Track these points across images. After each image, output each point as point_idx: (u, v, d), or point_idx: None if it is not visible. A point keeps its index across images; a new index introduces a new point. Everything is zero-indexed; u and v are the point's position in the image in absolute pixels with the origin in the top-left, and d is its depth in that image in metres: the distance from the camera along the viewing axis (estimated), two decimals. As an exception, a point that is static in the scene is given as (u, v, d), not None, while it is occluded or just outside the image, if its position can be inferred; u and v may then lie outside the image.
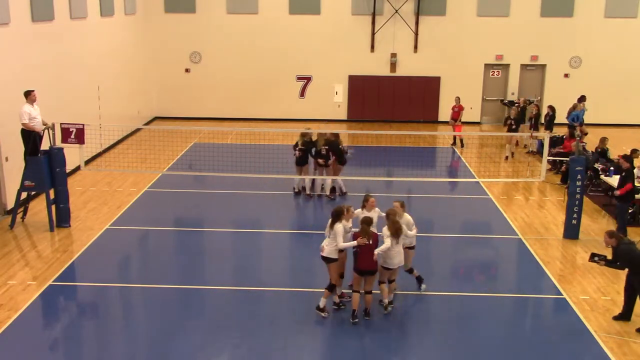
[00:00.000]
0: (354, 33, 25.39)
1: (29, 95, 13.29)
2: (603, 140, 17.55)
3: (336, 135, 15.92)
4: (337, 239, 9.52)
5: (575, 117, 21.00)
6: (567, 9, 25.07)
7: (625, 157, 13.81)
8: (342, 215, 9.66)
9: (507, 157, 19.94)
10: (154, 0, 25.09)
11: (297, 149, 15.77)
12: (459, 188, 17.59)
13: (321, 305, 9.75)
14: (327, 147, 15.41)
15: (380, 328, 9.59)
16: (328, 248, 9.65)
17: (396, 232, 9.54)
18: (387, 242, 9.48)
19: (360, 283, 9.57)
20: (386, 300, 9.89)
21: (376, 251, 9.38)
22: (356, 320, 9.55)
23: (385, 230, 9.63)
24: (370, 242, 9.34)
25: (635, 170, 14.82)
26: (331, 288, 9.80)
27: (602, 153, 17.15)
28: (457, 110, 21.87)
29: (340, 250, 9.72)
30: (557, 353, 9.11)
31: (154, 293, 10.72)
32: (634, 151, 15.76)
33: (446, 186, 17.58)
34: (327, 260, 9.73)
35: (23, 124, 13.12)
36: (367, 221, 9.54)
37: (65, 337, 9.54)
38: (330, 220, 9.69)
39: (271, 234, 13.89)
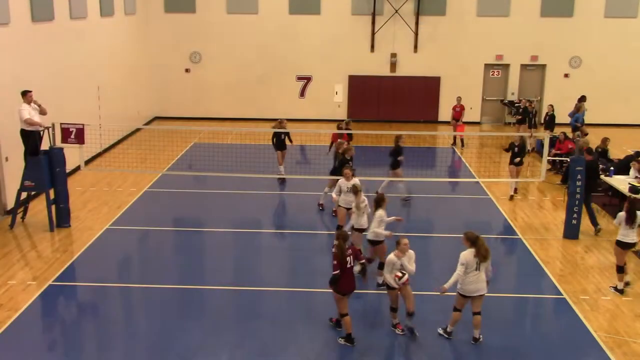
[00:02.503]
0: (354, 33, 25.39)
1: (25, 95, 13.24)
2: (604, 140, 17.54)
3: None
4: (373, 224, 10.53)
5: (577, 118, 20.96)
6: (567, 9, 25.08)
7: (588, 150, 14.78)
8: (383, 202, 10.64)
9: (511, 196, 16.11)
10: (154, 0, 25.08)
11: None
12: (459, 188, 17.59)
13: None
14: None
15: (380, 327, 9.61)
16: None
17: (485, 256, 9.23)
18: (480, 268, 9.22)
19: (345, 305, 9.12)
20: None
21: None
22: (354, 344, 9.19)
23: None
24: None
25: (632, 171, 14.88)
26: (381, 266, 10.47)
27: (602, 153, 17.14)
28: (459, 110, 21.89)
29: (360, 231, 11.08)
30: (557, 353, 9.11)
31: (154, 293, 10.72)
32: (638, 154, 15.77)
33: (446, 186, 17.57)
34: (373, 243, 10.77)
35: (25, 120, 13.04)
36: (344, 236, 9.13)
37: (65, 337, 9.54)
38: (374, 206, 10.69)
39: (271, 234, 13.90)
